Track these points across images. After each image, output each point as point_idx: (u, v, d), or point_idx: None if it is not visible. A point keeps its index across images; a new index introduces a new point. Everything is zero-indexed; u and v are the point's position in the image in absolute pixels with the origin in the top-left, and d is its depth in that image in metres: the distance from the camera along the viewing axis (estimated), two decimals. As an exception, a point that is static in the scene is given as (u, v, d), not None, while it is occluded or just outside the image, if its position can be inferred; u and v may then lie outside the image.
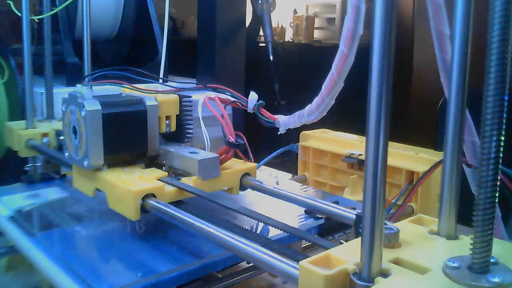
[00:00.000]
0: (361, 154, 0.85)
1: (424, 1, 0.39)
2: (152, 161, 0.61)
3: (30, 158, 0.88)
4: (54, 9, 0.84)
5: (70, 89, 0.59)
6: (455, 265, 0.31)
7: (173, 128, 0.62)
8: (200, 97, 0.59)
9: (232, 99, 0.59)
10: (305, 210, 0.60)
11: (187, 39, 1.88)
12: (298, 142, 0.98)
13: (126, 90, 0.62)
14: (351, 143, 0.90)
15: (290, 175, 0.99)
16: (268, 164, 0.96)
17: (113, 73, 0.60)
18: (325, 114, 0.49)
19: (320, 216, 0.59)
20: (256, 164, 0.61)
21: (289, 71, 1.76)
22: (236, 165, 0.59)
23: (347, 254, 0.33)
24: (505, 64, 0.28)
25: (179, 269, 0.47)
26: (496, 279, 0.29)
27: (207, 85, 0.59)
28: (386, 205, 0.46)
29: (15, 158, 0.82)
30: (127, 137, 0.57)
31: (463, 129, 0.36)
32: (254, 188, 0.58)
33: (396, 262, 0.33)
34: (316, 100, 0.48)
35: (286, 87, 1.64)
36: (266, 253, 0.38)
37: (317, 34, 2.18)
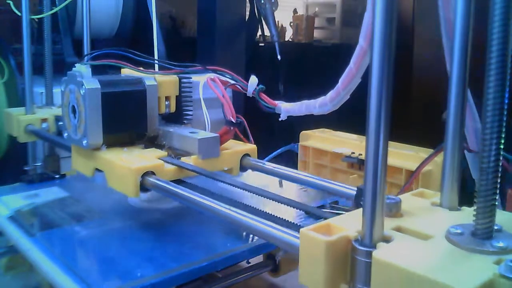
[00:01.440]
0: (361, 154, 0.85)
1: (424, 1, 0.38)
2: (152, 142, 0.60)
3: (30, 158, 0.88)
4: (54, 9, 0.84)
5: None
6: (458, 231, 0.31)
7: (173, 109, 0.62)
8: (200, 79, 0.59)
9: (232, 81, 0.58)
10: (305, 210, 0.60)
11: (187, 39, 1.88)
12: (298, 142, 0.98)
13: (125, 72, 0.62)
14: (351, 143, 0.90)
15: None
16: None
17: (113, 52, 0.60)
18: (325, 114, 0.49)
19: (320, 216, 0.59)
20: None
21: (289, 71, 1.76)
22: (236, 146, 0.59)
23: (348, 223, 0.33)
24: (505, 56, 0.28)
25: (179, 269, 0.47)
26: (501, 244, 0.29)
27: (207, 67, 0.59)
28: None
29: (15, 158, 0.82)
30: (126, 117, 0.57)
31: (464, 116, 0.36)
32: (254, 168, 0.58)
33: (398, 229, 0.33)
34: (331, 93, 0.48)
35: (286, 87, 1.64)
36: (267, 224, 0.37)
37: (317, 34, 2.18)
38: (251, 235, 0.56)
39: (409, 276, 0.27)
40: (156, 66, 0.64)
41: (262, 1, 1.63)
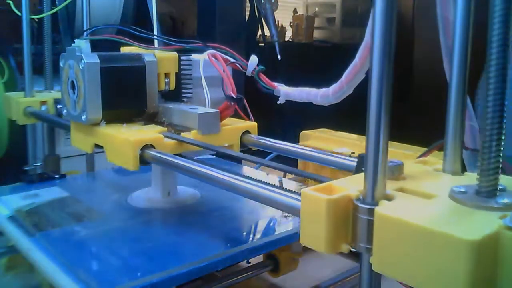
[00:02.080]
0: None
1: (424, 1, 0.39)
2: (151, 119, 0.60)
3: (30, 158, 0.88)
4: (54, 9, 0.84)
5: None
6: (462, 190, 0.31)
7: (172, 86, 0.62)
8: (200, 57, 0.59)
9: (232, 60, 0.58)
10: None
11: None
12: (298, 142, 0.98)
13: (124, 50, 0.62)
14: (351, 143, 0.90)
15: (284, 175, 0.99)
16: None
17: (112, 27, 0.60)
18: (324, 114, 0.49)
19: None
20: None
21: (290, 71, 1.76)
22: (237, 123, 0.60)
23: (350, 184, 0.33)
24: (505, 52, 0.28)
25: (179, 269, 0.47)
26: (505, 200, 0.29)
27: (207, 44, 0.59)
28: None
29: (15, 158, 0.82)
30: (125, 92, 0.57)
31: (465, 113, 0.36)
32: (255, 144, 0.58)
33: (401, 190, 0.33)
34: (334, 86, 0.47)
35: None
36: (268, 189, 0.37)
37: (317, 34, 2.18)
38: (251, 235, 0.56)
39: (413, 229, 0.27)
40: (156, 42, 0.64)
41: (262, 1, 1.63)
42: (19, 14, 0.82)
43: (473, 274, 0.25)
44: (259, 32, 1.74)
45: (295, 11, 2.18)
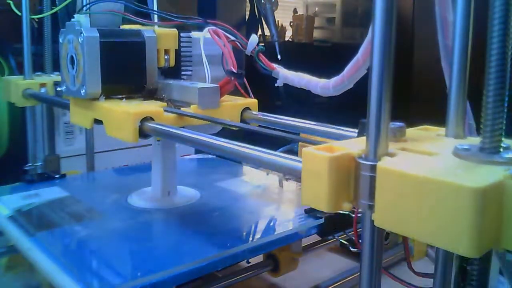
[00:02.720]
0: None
1: (424, 1, 0.39)
2: (151, 95, 0.61)
3: (30, 158, 0.88)
4: (54, 9, 0.84)
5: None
6: (466, 147, 0.30)
7: (172, 63, 0.62)
8: (200, 35, 0.60)
9: (233, 37, 0.58)
10: (305, 210, 0.60)
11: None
12: (298, 142, 0.98)
13: (125, 27, 0.63)
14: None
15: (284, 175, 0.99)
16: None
17: (112, 1, 0.60)
18: (324, 111, 0.49)
19: (319, 216, 0.59)
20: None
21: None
22: (237, 100, 0.60)
23: (351, 145, 0.33)
24: (506, 53, 0.28)
25: (179, 268, 0.47)
26: (510, 155, 0.29)
27: (208, 20, 0.59)
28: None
29: (15, 158, 0.82)
30: (125, 67, 0.58)
31: (465, 113, 0.36)
32: (255, 120, 0.58)
33: (403, 150, 0.32)
34: (336, 78, 0.47)
35: (286, 87, 1.64)
36: (269, 153, 0.37)
37: (317, 34, 2.18)
38: (251, 235, 0.56)
39: (416, 181, 0.27)
40: (155, 17, 0.64)
41: (262, 1, 1.63)
42: (19, 14, 0.82)
43: (478, 223, 0.25)
44: (259, 32, 1.74)
45: (295, 11, 2.18)
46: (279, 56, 1.58)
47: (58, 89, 0.77)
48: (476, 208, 0.25)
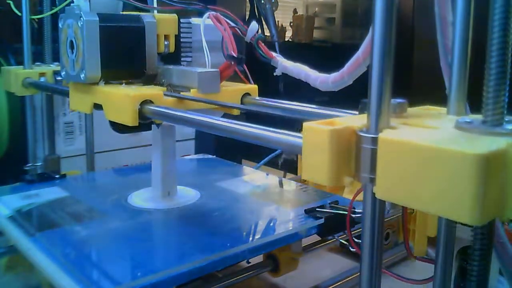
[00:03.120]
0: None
1: (424, 0, 0.39)
2: (151, 81, 0.61)
3: (30, 158, 0.88)
4: (54, 9, 0.83)
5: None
6: (468, 121, 0.30)
7: (172, 48, 0.62)
8: (200, 21, 0.60)
9: (233, 24, 0.58)
10: (305, 210, 0.60)
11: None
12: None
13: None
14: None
15: (284, 175, 0.99)
16: (268, 164, 0.96)
17: None
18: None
19: (319, 216, 0.59)
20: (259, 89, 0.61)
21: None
22: (237, 85, 0.60)
23: (352, 120, 0.33)
24: (506, 53, 0.28)
25: (179, 268, 0.47)
26: None
27: (208, 6, 0.59)
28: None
29: (15, 158, 0.82)
30: (124, 52, 0.58)
31: (466, 91, 0.36)
32: (256, 105, 0.58)
33: (404, 124, 0.32)
34: (336, 74, 0.48)
35: (286, 87, 1.64)
36: (269, 130, 0.37)
37: (317, 34, 2.18)
38: (251, 235, 0.56)
39: (418, 150, 0.27)
40: (155, 2, 0.64)
41: (262, 1, 1.63)
42: (19, 14, 0.82)
43: (481, 190, 0.24)
44: (259, 32, 1.74)
45: (295, 11, 2.18)
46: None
47: (58, 78, 0.78)
48: (478, 175, 0.24)
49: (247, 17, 1.67)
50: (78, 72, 0.56)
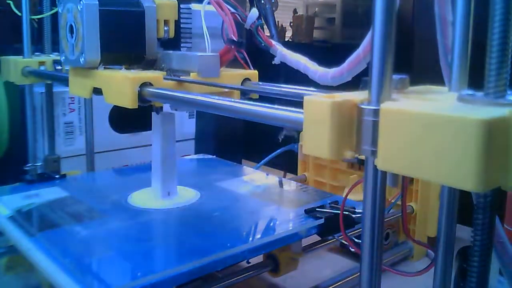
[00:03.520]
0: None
1: (424, 0, 0.39)
2: (151, 66, 0.61)
3: (30, 158, 0.88)
4: (54, 9, 0.83)
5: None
6: (470, 93, 0.30)
7: (172, 34, 0.62)
8: (200, 7, 0.60)
9: (233, 10, 0.58)
10: (305, 210, 0.60)
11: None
12: (298, 141, 0.98)
13: None
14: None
15: (284, 175, 0.99)
16: (268, 164, 0.96)
17: None
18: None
19: (319, 216, 0.59)
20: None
21: (290, 71, 1.76)
22: (238, 70, 0.60)
23: (353, 95, 0.32)
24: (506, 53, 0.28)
25: (179, 268, 0.47)
26: None
27: None
28: (386, 204, 0.46)
29: (15, 158, 0.82)
30: (124, 36, 0.58)
31: (467, 69, 0.36)
32: (256, 91, 0.58)
33: (406, 98, 0.32)
34: (335, 70, 0.47)
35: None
36: (269, 107, 0.37)
37: (317, 34, 2.18)
38: (251, 235, 0.56)
39: (420, 118, 0.27)
40: None
41: (262, 1, 1.63)
42: (19, 14, 0.82)
43: (485, 156, 0.24)
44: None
45: (295, 11, 2.18)
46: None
47: (58, 67, 0.78)
48: (481, 141, 0.24)
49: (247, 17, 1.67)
50: (77, 56, 0.56)
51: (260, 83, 0.59)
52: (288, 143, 0.97)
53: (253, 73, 0.60)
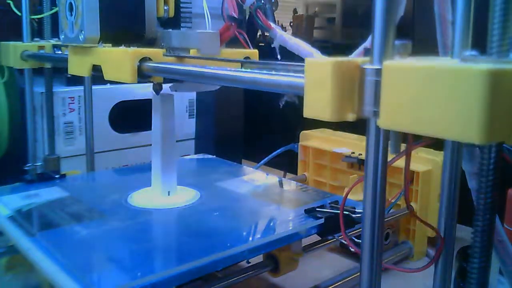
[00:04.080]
0: (361, 154, 0.85)
1: (424, 1, 0.39)
2: (150, 45, 0.61)
3: (30, 158, 0.88)
4: (54, 9, 0.83)
5: (70, 89, 0.60)
6: (473, 53, 0.30)
7: (172, 13, 0.62)
8: None
9: None
10: (305, 210, 0.60)
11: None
12: (298, 142, 0.98)
13: None
14: (351, 143, 0.90)
15: (284, 175, 0.99)
16: (268, 164, 0.96)
17: None
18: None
19: (319, 216, 0.59)
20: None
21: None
22: (238, 49, 0.60)
23: (355, 58, 0.32)
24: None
25: (179, 268, 0.47)
26: None
27: None
28: (386, 204, 0.46)
29: (15, 158, 0.82)
30: (123, 14, 0.58)
31: (469, 39, 0.36)
32: (255, 69, 0.58)
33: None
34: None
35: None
36: (270, 73, 0.37)
37: (317, 34, 2.18)
38: (251, 235, 0.56)
39: (424, 72, 0.26)
40: None
41: (262, 1, 1.63)
42: (19, 14, 0.82)
43: (489, 107, 0.24)
44: (259, 32, 1.74)
45: (295, 11, 2.18)
46: (279, 56, 1.58)
47: (58, 52, 0.78)
48: (486, 91, 0.24)
49: (247, 17, 1.67)
50: (77, 34, 0.56)
51: (258, 62, 0.59)
52: (289, 166, 0.97)
53: (253, 52, 0.60)
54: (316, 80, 0.31)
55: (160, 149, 0.64)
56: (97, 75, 0.57)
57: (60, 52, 0.77)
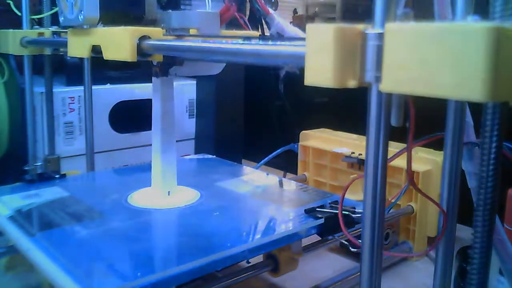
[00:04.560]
0: (361, 154, 0.85)
1: (423, 1, 0.39)
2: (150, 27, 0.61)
3: (30, 158, 0.88)
4: (54, 9, 0.83)
5: (70, 89, 0.60)
6: (476, 18, 0.30)
7: None
8: None
9: None
10: (305, 210, 0.60)
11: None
12: (298, 142, 0.98)
13: None
14: (351, 143, 0.90)
15: (284, 175, 0.99)
16: (268, 163, 0.96)
17: None
18: (324, 114, 0.49)
19: (319, 216, 0.59)
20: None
21: (289, 71, 1.76)
22: (238, 31, 0.60)
23: (357, 25, 0.32)
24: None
25: (179, 268, 0.47)
26: None
27: None
28: (386, 204, 0.46)
29: (15, 158, 0.82)
30: None
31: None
32: (256, 38, 0.58)
33: None
34: None
35: (286, 87, 1.64)
36: (270, 44, 0.37)
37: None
38: (251, 235, 0.56)
39: (427, 32, 0.26)
40: None
41: (262, 1, 1.63)
42: (19, 14, 0.82)
43: (493, 63, 0.24)
44: (259, 32, 1.74)
45: (295, 11, 2.18)
46: None
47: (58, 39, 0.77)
48: (489, 47, 0.24)
49: (247, 17, 1.67)
50: (76, 15, 0.56)
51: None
52: (288, 166, 0.97)
53: (253, 33, 0.60)
54: (318, 46, 0.30)
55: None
56: (96, 56, 0.57)
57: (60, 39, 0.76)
